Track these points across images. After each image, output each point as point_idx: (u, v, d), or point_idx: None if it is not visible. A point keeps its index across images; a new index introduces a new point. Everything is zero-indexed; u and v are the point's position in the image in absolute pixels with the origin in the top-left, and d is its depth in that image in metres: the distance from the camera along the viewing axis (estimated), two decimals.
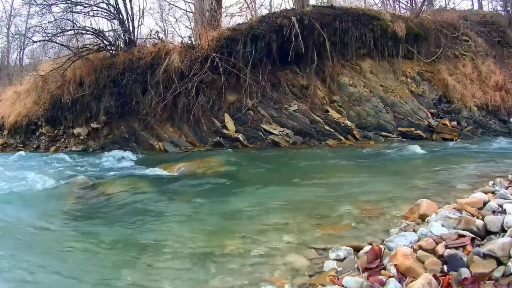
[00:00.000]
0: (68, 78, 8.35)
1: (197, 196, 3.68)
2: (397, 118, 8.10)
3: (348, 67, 8.37)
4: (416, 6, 10.55)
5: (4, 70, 16.76)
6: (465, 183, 3.35)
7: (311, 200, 3.22)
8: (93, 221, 2.95)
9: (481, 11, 12.04)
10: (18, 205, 3.46)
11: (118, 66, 8.00)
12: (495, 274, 1.41)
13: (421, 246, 1.66)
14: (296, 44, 7.52)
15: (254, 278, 1.77)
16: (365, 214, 2.61)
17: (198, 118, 7.67)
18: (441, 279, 1.41)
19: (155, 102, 7.61)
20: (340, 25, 7.99)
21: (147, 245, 2.30)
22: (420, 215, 2.28)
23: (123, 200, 3.64)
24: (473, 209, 2.00)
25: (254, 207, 3.11)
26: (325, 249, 2.00)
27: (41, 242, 2.47)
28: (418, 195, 2.89)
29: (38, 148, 8.96)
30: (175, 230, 2.62)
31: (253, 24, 7.88)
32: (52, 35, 8.73)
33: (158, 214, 3.08)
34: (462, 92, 8.52)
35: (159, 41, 8.40)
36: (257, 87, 7.61)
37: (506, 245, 1.46)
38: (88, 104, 8.16)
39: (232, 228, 2.55)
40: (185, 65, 7.48)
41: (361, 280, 1.49)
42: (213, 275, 1.83)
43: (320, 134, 7.72)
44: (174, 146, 7.86)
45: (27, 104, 8.95)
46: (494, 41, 9.84)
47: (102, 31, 9.08)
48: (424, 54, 8.69)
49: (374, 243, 1.89)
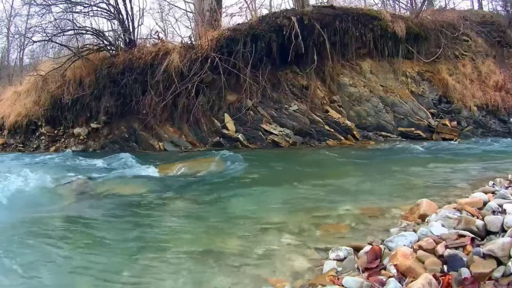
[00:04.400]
0: (68, 78, 8.36)
1: (197, 196, 3.68)
2: (397, 118, 8.11)
3: (348, 67, 8.37)
4: (416, 6, 10.55)
5: (4, 70, 16.75)
6: (465, 183, 3.35)
7: (311, 200, 3.21)
8: (92, 221, 2.95)
9: (481, 11, 12.04)
10: (18, 205, 3.46)
11: (118, 66, 8.02)
12: (495, 274, 1.41)
13: (421, 246, 1.66)
14: (296, 44, 7.52)
15: (254, 278, 1.77)
16: (365, 214, 2.61)
17: (198, 118, 7.68)
18: (441, 279, 1.41)
19: (155, 102, 7.62)
20: (340, 25, 7.99)
21: (147, 245, 2.30)
22: (420, 215, 2.28)
23: (123, 200, 3.64)
24: (473, 209, 2.00)
25: (254, 207, 3.11)
26: (325, 249, 2.00)
27: (41, 242, 2.46)
28: (418, 195, 2.89)
29: (38, 148, 8.97)
30: (175, 230, 2.62)
31: (253, 24, 7.88)
32: (52, 35, 8.75)
33: (158, 214, 3.08)
34: (462, 92, 8.53)
35: (159, 41, 8.42)
36: (257, 87, 7.61)
37: (506, 245, 1.46)
38: (88, 104, 8.18)
39: (232, 228, 2.55)
40: (185, 65, 7.49)
41: (361, 280, 1.49)
42: (213, 275, 1.84)
43: (320, 134, 7.72)
44: (174, 146, 7.86)
45: (27, 104, 8.96)
46: (494, 41, 9.85)
47: (102, 31, 9.10)
48: (424, 54, 8.69)
49: (374, 243, 1.88)
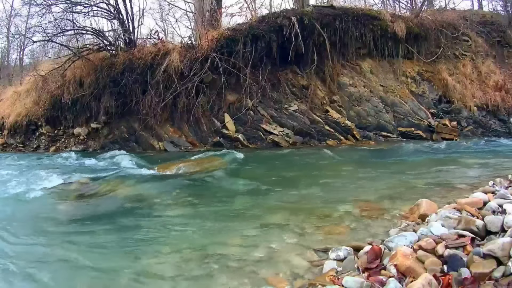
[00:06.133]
0: (68, 78, 8.36)
1: (197, 196, 3.68)
2: (397, 118, 8.11)
3: (348, 67, 8.37)
4: (416, 6, 10.54)
5: (4, 70, 16.74)
6: (465, 183, 3.34)
7: (311, 200, 3.21)
8: (92, 221, 2.95)
9: (481, 11, 12.05)
10: (18, 205, 3.46)
11: (118, 66, 8.01)
12: (495, 274, 1.41)
13: (421, 246, 1.66)
14: (296, 44, 7.52)
15: (254, 278, 1.77)
16: (365, 214, 2.61)
17: (198, 118, 7.67)
18: (441, 279, 1.41)
19: (155, 102, 7.61)
20: (340, 25, 7.99)
21: (147, 245, 2.30)
22: (420, 215, 2.28)
23: (123, 200, 3.64)
24: (473, 209, 2.00)
25: (254, 207, 3.11)
26: (325, 249, 2.00)
27: (40, 242, 2.47)
28: (418, 195, 2.89)
29: (38, 148, 8.97)
30: (175, 230, 2.62)
31: (253, 24, 7.87)
32: (52, 35, 8.75)
33: (158, 214, 3.08)
34: (462, 92, 8.53)
35: (159, 41, 8.41)
36: (257, 87, 7.61)
37: (506, 245, 1.46)
38: (88, 104, 8.17)
39: (232, 228, 2.55)
40: (185, 65, 7.48)
41: (361, 280, 1.49)
42: (213, 275, 1.84)
43: (320, 134, 7.72)
44: (174, 146, 7.86)
45: (27, 104, 8.96)
46: (494, 41, 9.85)
47: (102, 31, 9.09)
48: (424, 54, 8.70)
49: (374, 243, 1.88)
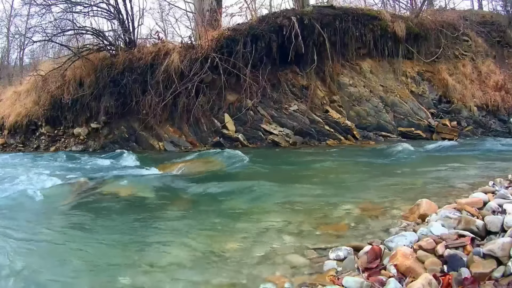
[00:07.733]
0: (68, 78, 8.36)
1: (197, 196, 3.67)
2: (397, 118, 8.11)
3: (348, 67, 8.38)
4: (416, 6, 10.54)
5: (4, 70, 16.76)
6: (465, 183, 3.34)
7: (311, 200, 3.21)
8: (92, 221, 2.95)
9: (481, 11, 12.06)
10: (17, 206, 3.46)
11: (118, 66, 8.02)
12: (495, 274, 1.41)
13: (421, 246, 1.66)
14: (296, 44, 7.53)
15: (254, 278, 1.77)
16: (365, 214, 2.61)
17: (198, 118, 7.68)
18: (441, 279, 1.41)
19: (155, 102, 7.62)
20: (340, 25, 8.00)
21: (147, 245, 2.30)
22: (420, 215, 2.28)
23: (122, 200, 3.64)
24: (473, 209, 2.00)
25: (254, 207, 3.10)
26: (325, 249, 2.00)
27: (40, 242, 2.46)
28: (418, 195, 2.88)
29: (38, 148, 8.97)
30: (175, 229, 2.61)
31: (253, 24, 7.88)
32: (52, 35, 8.76)
33: (158, 214, 3.08)
34: (462, 92, 8.54)
35: (159, 41, 8.42)
36: (257, 87, 7.62)
37: (506, 245, 1.46)
38: (88, 104, 8.18)
39: (232, 228, 2.55)
40: (185, 65, 7.49)
41: (361, 280, 1.49)
42: (213, 275, 1.83)
43: (320, 134, 7.72)
44: (174, 146, 7.87)
45: (27, 104, 8.96)
46: (494, 41, 9.86)
47: (102, 31, 9.10)
48: (424, 54, 8.71)
49: (374, 243, 1.88)
